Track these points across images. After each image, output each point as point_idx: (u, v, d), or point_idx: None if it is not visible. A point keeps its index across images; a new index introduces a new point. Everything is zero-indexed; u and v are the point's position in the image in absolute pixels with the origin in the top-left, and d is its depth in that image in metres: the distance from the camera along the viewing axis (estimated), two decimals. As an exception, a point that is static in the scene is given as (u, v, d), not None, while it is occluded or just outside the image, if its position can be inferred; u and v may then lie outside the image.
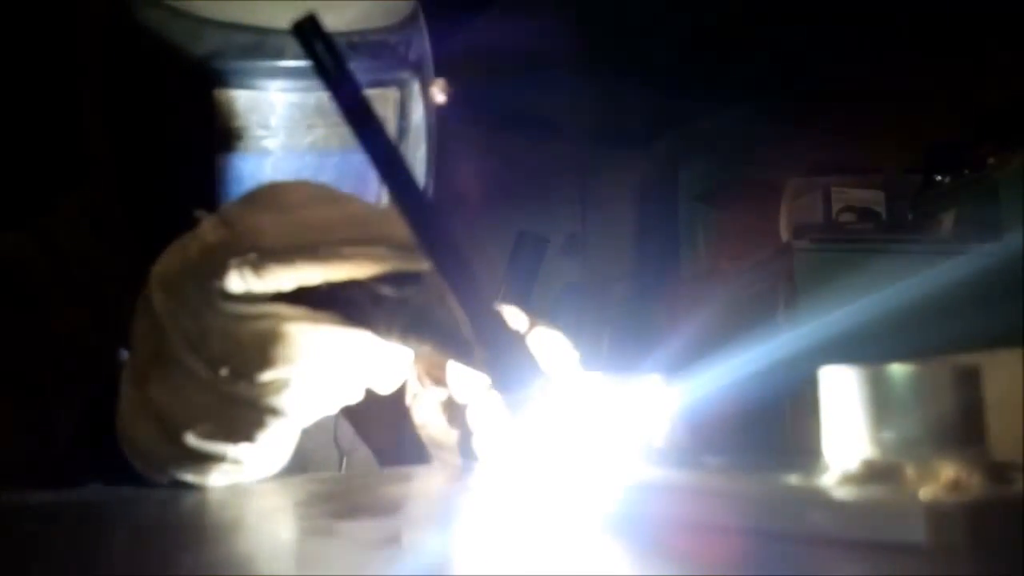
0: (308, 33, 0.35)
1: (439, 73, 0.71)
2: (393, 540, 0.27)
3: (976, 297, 2.10)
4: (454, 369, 0.50)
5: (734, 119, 3.18)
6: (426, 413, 0.57)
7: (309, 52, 0.35)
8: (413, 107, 0.66)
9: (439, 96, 0.69)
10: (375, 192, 0.65)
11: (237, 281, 0.38)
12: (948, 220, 2.26)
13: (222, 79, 0.59)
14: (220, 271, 0.38)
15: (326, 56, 0.35)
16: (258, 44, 0.59)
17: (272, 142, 0.61)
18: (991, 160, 2.22)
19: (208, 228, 0.40)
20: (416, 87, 0.66)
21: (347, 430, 0.71)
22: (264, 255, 0.38)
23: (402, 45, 0.64)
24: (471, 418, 0.52)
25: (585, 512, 0.29)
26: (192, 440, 0.40)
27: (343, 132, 0.62)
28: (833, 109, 2.77)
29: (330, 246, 0.38)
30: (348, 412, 0.70)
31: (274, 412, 0.39)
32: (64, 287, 0.66)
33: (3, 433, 0.60)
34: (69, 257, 0.67)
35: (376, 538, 0.28)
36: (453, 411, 0.56)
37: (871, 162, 2.43)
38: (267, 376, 0.38)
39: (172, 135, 0.60)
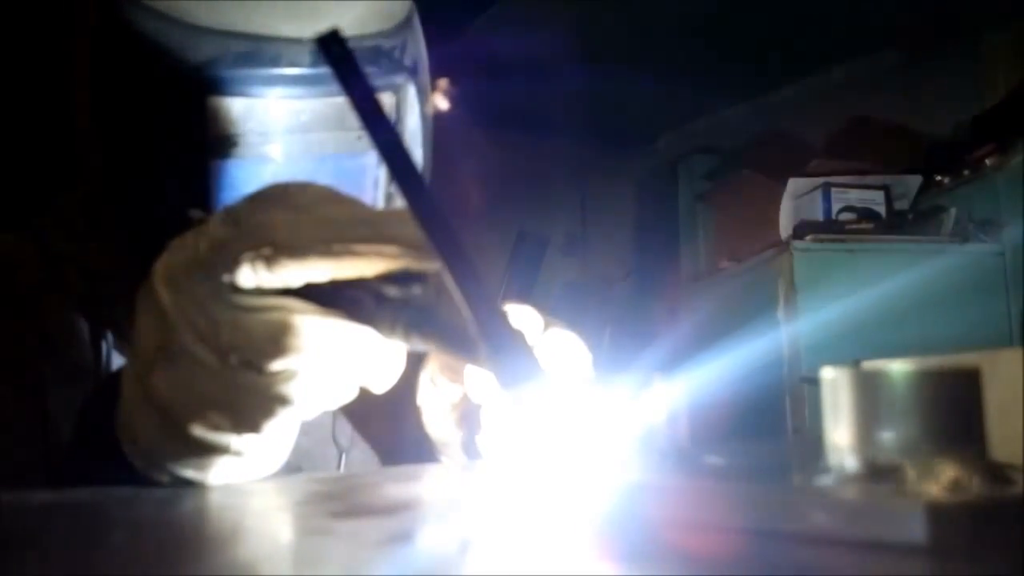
0: (331, 45, 0.36)
1: (440, 74, 0.71)
2: (393, 540, 0.27)
3: (975, 297, 2.10)
4: (472, 370, 0.50)
5: (734, 119, 3.19)
6: (436, 412, 0.57)
7: (331, 63, 0.36)
8: (408, 112, 0.66)
9: (441, 100, 0.69)
10: (371, 196, 0.65)
11: (248, 275, 0.38)
12: (948, 220, 2.26)
13: (217, 86, 0.59)
14: (231, 265, 0.38)
15: (346, 66, 0.36)
16: (253, 51, 0.59)
17: (267, 148, 0.61)
18: (991, 160, 2.21)
19: (215, 224, 0.40)
20: (411, 91, 0.66)
21: (345, 428, 0.71)
22: (278, 250, 0.38)
23: (397, 50, 0.64)
24: (485, 418, 0.53)
25: (585, 512, 0.29)
26: (197, 431, 0.40)
27: (338, 137, 0.62)
28: (834, 108, 2.77)
29: (343, 243, 0.38)
30: (349, 410, 0.70)
31: (283, 401, 0.40)
32: (58, 288, 0.66)
33: (2, 435, 0.60)
34: (62, 258, 0.67)
35: (376, 538, 0.28)
36: (462, 411, 0.56)
37: (871, 162, 2.43)
38: (277, 365, 0.39)
39: (166, 141, 0.60)
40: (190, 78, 0.58)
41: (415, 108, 0.67)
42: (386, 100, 0.64)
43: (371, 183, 0.65)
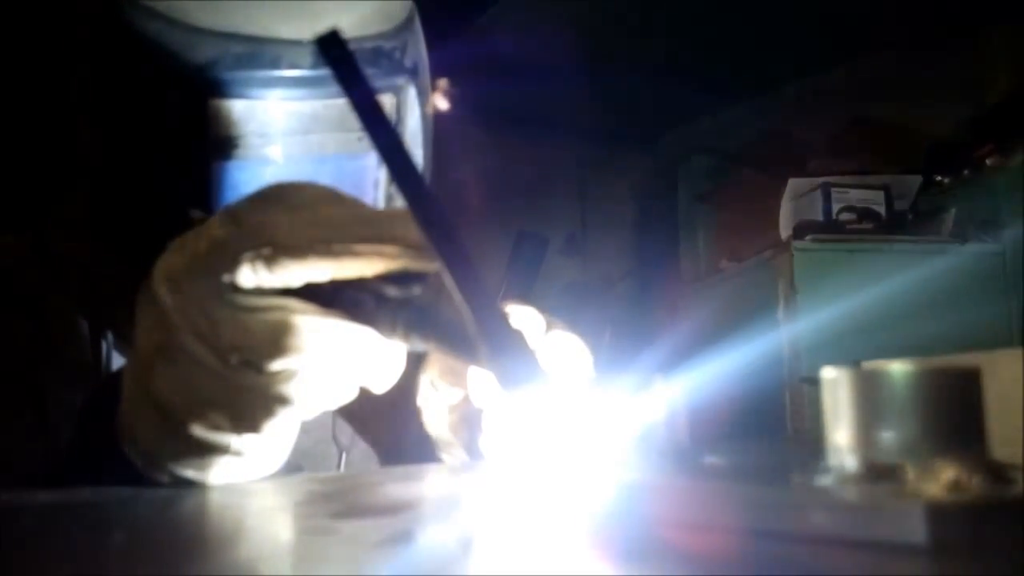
0: (330, 46, 0.36)
1: (440, 74, 0.71)
2: (393, 540, 0.27)
3: (975, 297, 2.10)
4: (474, 374, 0.50)
5: (734, 119, 3.19)
6: (437, 414, 0.57)
7: (331, 64, 0.36)
8: (409, 113, 0.66)
9: (442, 100, 0.69)
10: (371, 197, 0.65)
11: (249, 275, 0.38)
12: (948, 220, 2.26)
13: (218, 88, 0.59)
14: (231, 265, 0.38)
15: (346, 67, 0.36)
16: (254, 53, 0.59)
17: (268, 150, 0.61)
18: (991, 160, 2.22)
19: (215, 224, 0.40)
20: (412, 92, 0.66)
21: (345, 427, 0.71)
22: (278, 250, 0.38)
23: (398, 51, 0.64)
24: (487, 422, 0.53)
25: (585, 512, 0.29)
26: (197, 430, 0.40)
27: (339, 138, 0.62)
28: (834, 108, 2.77)
29: (343, 243, 0.38)
30: (349, 410, 0.71)
31: (283, 400, 0.40)
32: (59, 291, 0.66)
33: (2, 435, 0.60)
34: (63, 261, 0.67)
35: (376, 538, 0.28)
36: (463, 413, 0.56)
37: (871, 162, 2.43)
38: (277, 365, 0.39)
39: (167, 143, 0.60)
40: (191, 80, 0.58)
41: (415, 109, 0.67)
42: (387, 101, 0.65)
43: (371, 184, 0.65)
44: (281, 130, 0.61)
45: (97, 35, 0.61)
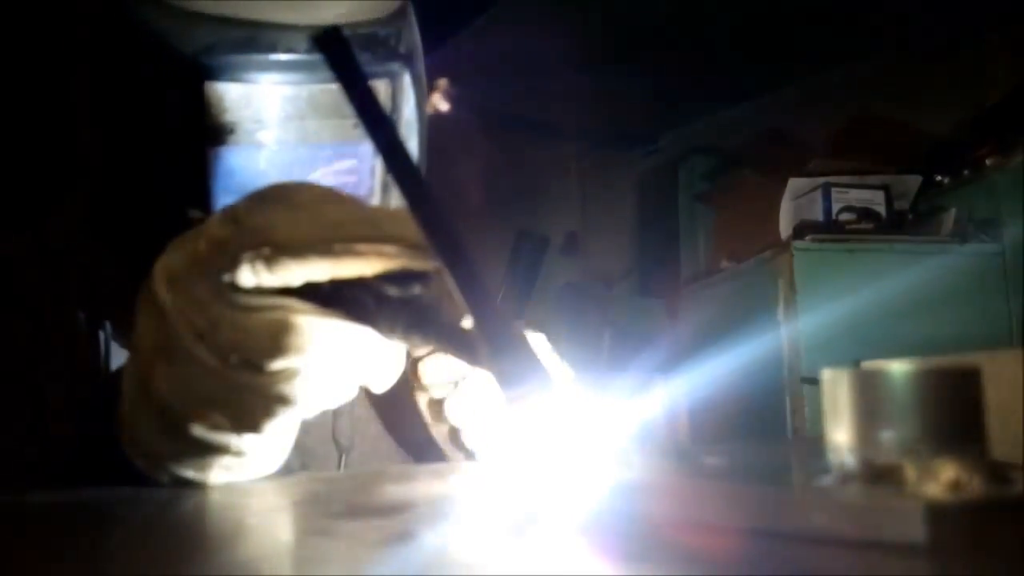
0: (330, 43, 0.36)
1: (440, 74, 0.71)
2: (393, 540, 0.27)
3: (975, 297, 2.10)
4: (427, 367, 0.50)
5: (734, 119, 3.19)
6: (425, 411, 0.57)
7: (330, 61, 0.36)
8: (404, 100, 0.66)
9: (442, 100, 0.69)
10: (368, 185, 0.65)
11: (248, 275, 0.38)
12: (948, 220, 2.26)
13: (214, 73, 0.59)
14: (231, 265, 0.38)
15: (346, 63, 0.36)
16: (250, 38, 0.59)
17: (264, 135, 0.61)
18: (991, 160, 2.21)
19: (215, 224, 0.40)
20: (407, 80, 0.66)
21: (345, 427, 0.71)
22: (278, 249, 0.38)
23: (392, 38, 0.65)
24: (449, 413, 0.53)
25: (584, 511, 0.29)
26: (197, 431, 0.40)
27: (334, 125, 0.62)
28: (834, 108, 2.77)
29: (343, 243, 0.38)
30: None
31: (283, 400, 0.40)
32: (58, 291, 0.66)
33: (1, 435, 0.60)
34: (63, 261, 0.67)
35: (376, 538, 0.28)
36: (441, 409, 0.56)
37: (871, 162, 2.43)
38: (277, 365, 0.39)
39: (164, 130, 0.60)
40: (187, 65, 0.58)
41: (411, 98, 0.67)
42: (382, 88, 0.65)
43: (368, 171, 0.65)
44: (277, 116, 0.61)
45: (94, 23, 0.61)
